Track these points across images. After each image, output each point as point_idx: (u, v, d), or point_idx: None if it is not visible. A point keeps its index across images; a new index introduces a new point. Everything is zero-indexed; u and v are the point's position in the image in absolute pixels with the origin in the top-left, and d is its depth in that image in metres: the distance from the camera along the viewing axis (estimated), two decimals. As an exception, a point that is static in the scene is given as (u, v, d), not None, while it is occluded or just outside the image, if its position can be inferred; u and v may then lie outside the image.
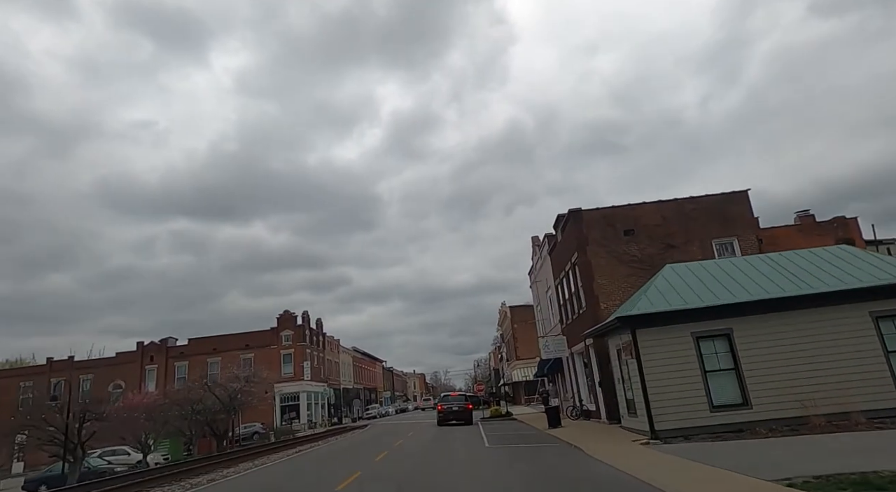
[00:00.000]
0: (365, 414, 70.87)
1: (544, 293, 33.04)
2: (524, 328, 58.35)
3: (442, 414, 32.82)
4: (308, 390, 58.64)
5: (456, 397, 37.06)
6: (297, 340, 59.30)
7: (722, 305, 15.47)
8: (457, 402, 34.04)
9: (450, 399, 35.67)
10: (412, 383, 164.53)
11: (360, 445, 23.92)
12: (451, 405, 33.24)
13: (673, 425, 14.86)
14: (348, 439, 29.06)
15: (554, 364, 30.42)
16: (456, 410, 32.59)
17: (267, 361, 58.27)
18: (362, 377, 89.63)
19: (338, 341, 75.76)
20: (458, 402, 34.04)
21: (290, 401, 57.75)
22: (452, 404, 33.40)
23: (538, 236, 34.77)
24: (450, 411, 32.63)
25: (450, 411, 32.63)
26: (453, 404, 33.53)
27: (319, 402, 62.63)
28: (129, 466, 28.10)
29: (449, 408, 32.92)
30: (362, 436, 30.67)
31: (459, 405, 33.06)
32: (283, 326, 59.88)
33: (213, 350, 58.71)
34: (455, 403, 33.76)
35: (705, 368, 15.22)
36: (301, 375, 57.85)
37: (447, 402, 34.61)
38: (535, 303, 37.43)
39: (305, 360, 58.68)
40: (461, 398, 35.49)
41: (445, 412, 32.71)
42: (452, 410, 32.66)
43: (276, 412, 57.02)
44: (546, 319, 33.19)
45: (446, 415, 32.49)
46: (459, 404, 33.27)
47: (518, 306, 59.88)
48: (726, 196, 22.23)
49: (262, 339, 59.32)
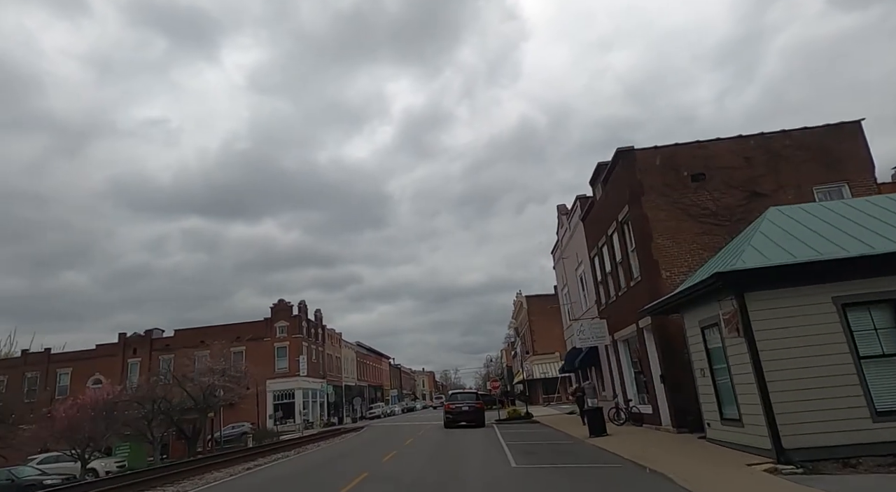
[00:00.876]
0: (368, 413, 65.70)
1: (573, 272, 27.55)
2: (543, 320, 52.84)
3: (450, 415, 28.75)
4: (304, 386, 53.51)
5: (466, 394, 32.84)
6: (293, 332, 54.20)
7: (880, 256, 9.93)
8: (467, 400, 29.88)
9: (459, 397, 31.30)
10: (421, 382, 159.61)
11: (340, 458, 18.57)
12: (460, 405, 29.14)
13: (812, 441, 9.39)
14: (334, 448, 23.74)
15: (587, 356, 24.97)
16: (466, 410, 28.58)
17: (260, 354, 53.27)
18: (367, 374, 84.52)
19: (339, 335, 70.62)
20: (469, 400, 29.90)
21: (284, 399, 52.66)
22: (462, 404, 29.25)
23: (565, 205, 29.27)
24: (459, 411, 28.61)
25: (459, 411, 28.61)
26: (463, 403, 29.38)
27: (317, 400, 57.51)
28: (68, 476, 23.00)
29: (458, 408, 28.80)
30: (351, 443, 25.37)
31: (470, 405, 29.06)
32: (278, 316, 54.80)
33: (201, 342, 53.67)
34: (465, 401, 29.64)
35: (859, 351, 9.71)
36: (296, 370, 52.74)
37: (456, 400, 30.32)
38: (561, 285, 31.91)
39: (301, 354, 53.55)
40: (472, 396, 31.50)
41: (454, 413, 28.65)
42: (462, 410, 28.65)
43: (267, 411, 51.94)
44: (576, 302, 27.68)
45: (455, 416, 28.49)
46: (470, 403, 29.21)
47: (536, 296, 54.37)
48: (832, 129, 16.60)
49: (254, 330, 54.28)
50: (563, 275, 30.24)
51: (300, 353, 53.47)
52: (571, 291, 28.30)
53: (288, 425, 51.54)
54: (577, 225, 25.50)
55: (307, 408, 54.53)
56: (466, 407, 28.64)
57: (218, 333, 54.16)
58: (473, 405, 28.82)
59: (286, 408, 52.50)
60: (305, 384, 53.80)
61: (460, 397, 31.01)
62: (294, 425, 51.41)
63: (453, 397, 31.67)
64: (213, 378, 32.17)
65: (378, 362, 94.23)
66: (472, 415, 28.16)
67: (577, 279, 26.69)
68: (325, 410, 60.68)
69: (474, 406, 28.75)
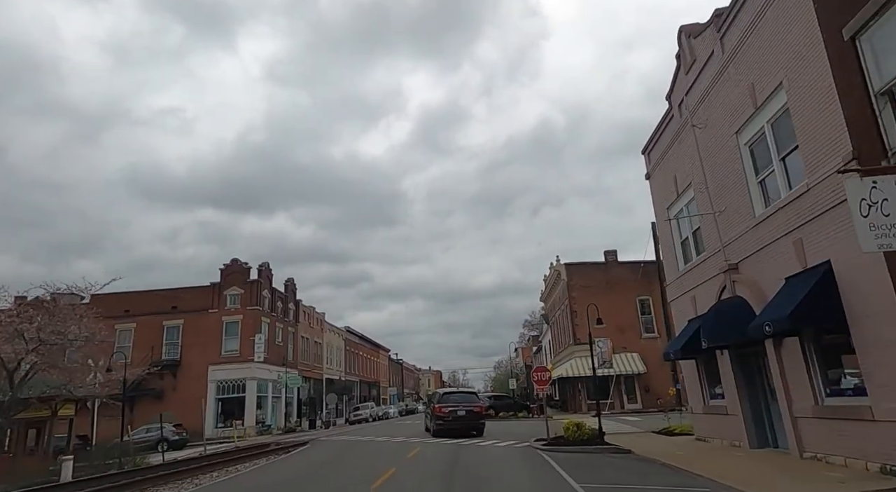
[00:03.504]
0: (352, 415, 51.70)
1: (725, 142, 13.01)
2: (589, 295, 38.36)
3: (441, 421, 22.24)
4: (260, 376, 39.57)
5: (463, 395, 25.65)
6: (249, 303, 40.28)
7: None
8: (464, 403, 23.28)
9: (454, 398, 24.12)
10: (427, 381, 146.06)
11: None
12: (455, 408, 22.56)
13: None
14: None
15: (734, 326, 10.91)
16: (463, 415, 22.34)
17: (203, 331, 39.50)
18: (359, 368, 70.55)
19: (322, 316, 56.65)
20: (467, 403, 23.38)
21: (231, 392, 38.73)
22: (458, 406, 22.69)
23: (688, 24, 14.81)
24: (454, 416, 22.15)
25: (454, 416, 22.15)
26: (459, 405, 22.80)
27: (282, 395, 43.54)
28: None
29: (453, 412, 22.31)
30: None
31: (468, 409, 22.77)
32: (229, 281, 40.89)
33: (126, 313, 40.00)
34: (462, 403, 23.08)
35: None
36: (250, 354, 38.80)
37: (449, 402, 23.25)
38: (680, 181, 16.74)
39: (258, 332, 39.60)
40: (470, 397, 25.03)
41: (447, 418, 22.18)
42: (458, 415, 22.23)
43: (207, 407, 38.02)
44: (738, 203, 12.88)
45: (448, 423, 22.09)
46: (468, 407, 22.89)
47: (579, 264, 39.94)
48: None
49: (196, 299, 40.44)
50: (690, 162, 15.51)
51: (256, 331, 39.52)
52: (727, 185, 13.45)
53: (234, 429, 37.59)
54: (737, 48, 11.17)
55: (264, 406, 40.54)
56: (464, 411, 22.37)
57: (148, 300, 40.46)
58: (472, 410, 22.73)
59: (234, 405, 38.55)
60: (263, 373, 39.85)
61: (456, 399, 23.95)
62: (241, 428, 37.41)
63: (446, 398, 24.09)
64: (22, 347, 17.95)
65: (374, 355, 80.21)
66: (470, 422, 22.27)
67: (744, 152, 12.15)
68: (297, 408, 46.72)
69: (473, 411, 22.69)
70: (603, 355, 26.95)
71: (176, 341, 39.40)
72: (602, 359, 26.88)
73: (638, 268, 38.55)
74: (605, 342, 28.69)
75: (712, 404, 15.35)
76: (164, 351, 39.07)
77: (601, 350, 27.44)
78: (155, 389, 38.06)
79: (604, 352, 27.26)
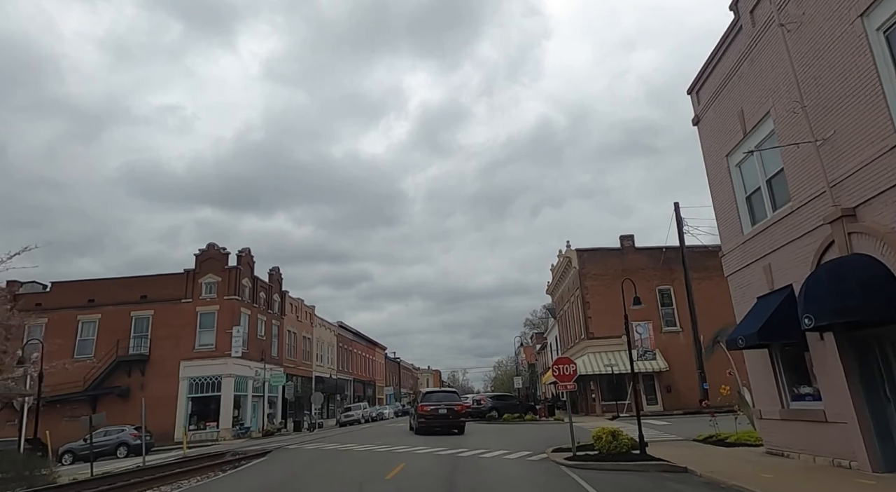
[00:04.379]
0: (343, 416, 47.84)
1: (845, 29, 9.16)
2: (603, 286, 34.54)
3: (423, 419, 23.48)
4: (238, 373, 35.71)
5: (444, 394, 26.39)
6: (226, 293, 36.40)
7: None
8: (445, 402, 24.26)
9: (435, 397, 25.14)
10: (425, 380, 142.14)
11: None
12: (436, 406, 23.77)
13: None
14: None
15: (867, 295, 7.21)
16: (444, 413, 23.39)
17: (175, 322, 35.64)
18: (353, 366, 66.69)
19: (311, 310, 52.78)
20: (448, 401, 24.37)
21: (206, 390, 34.85)
22: (439, 405, 23.81)
23: None
24: (435, 415, 23.30)
25: (435, 415, 23.30)
26: (440, 404, 23.91)
27: (264, 394, 39.68)
28: None
29: (434, 410, 23.50)
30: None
31: (449, 407, 23.72)
32: (206, 269, 37.01)
33: (89, 302, 36.16)
34: (444, 402, 24.08)
35: None
36: (227, 348, 34.94)
37: (431, 401, 24.39)
38: (756, 110, 12.67)
39: (237, 324, 35.75)
40: (451, 396, 25.67)
41: (429, 416, 23.34)
42: (439, 413, 23.37)
43: (178, 408, 34.20)
44: (854, 127, 9.05)
45: (430, 420, 23.29)
46: (449, 406, 23.83)
47: (592, 250, 36.06)
48: None
49: (168, 287, 36.56)
50: (770, 84, 11.45)
51: (235, 323, 35.66)
52: (839, 97, 9.40)
53: (208, 431, 33.84)
54: None
55: (243, 406, 36.68)
56: (444, 410, 23.63)
57: (115, 289, 36.65)
58: (452, 408, 23.91)
59: (208, 405, 34.68)
60: (241, 370, 35.98)
61: (437, 398, 25.11)
62: (215, 431, 33.65)
63: (428, 397, 25.30)
64: None
65: (369, 352, 76.36)
66: (451, 420, 23.56)
67: (876, 42, 8.33)
68: (281, 409, 42.86)
69: (453, 409, 23.87)
70: (644, 343, 22.84)
71: (145, 334, 35.55)
72: (643, 348, 22.74)
73: (659, 254, 34.72)
74: (645, 327, 24.58)
75: (796, 407, 11.51)
76: (131, 345, 35.22)
77: (641, 337, 23.33)
78: (120, 386, 34.25)
79: (645, 339, 23.16)
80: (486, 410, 35.09)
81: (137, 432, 28.70)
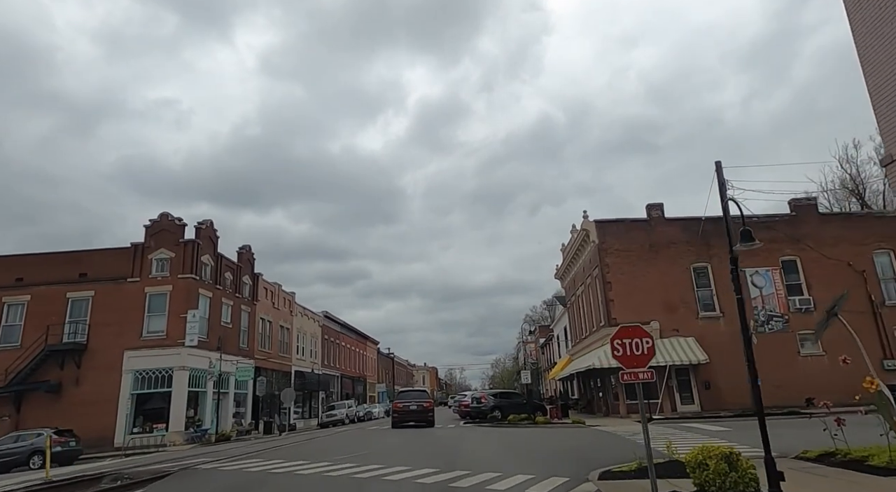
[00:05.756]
0: (325, 416, 42.37)
1: None
2: (629, 262, 29.09)
3: (397, 414, 28.15)
4: (195, 366, 30.14)
5: (415, 392, 30.62)
6: (181, 271, 30.80)
7: None
8: (416, 399, 28.68)
9: (407, 396, 29.55)
10: (421, 378, 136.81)
11: None
12: (408, 403, 28.25)
13: None
14: None
15: None
16: (414, 409, 27.83)
17: (119, 305, 30.06)
18: (341, 360, 61.18)
19: (291, 296, 47.21)
20: (418, 399, 28.74)
21: (155, 385, 29.25)
22: (410, 402, 28.29)
23: None
24: (406, 410, 27.94)
25: (406, 410, 27.94)
26: (411, 402, 28.38)
27: (230, 390, 34.13)
28: None
29: (405, 407, 28.09)
30: None
31: (418, 403, 28.13)
32: (157, 243, 31.38)
33: (17, 281, 30.53)
34: (414, 400, 28.54)
35: None
36: (179, 336, 29.37)
37: (403, 399, 29.16)
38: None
39: (193, 308, 30.18)
40: (421, 395, 30.00)
41: (402, 412, 28.01)
42: (409, 409, 27.90)
43: (120, 407, 28.62)
44: None
45: (403, 415, 27.86)
46: (418, 403, 28.22)
47: (615, 221, 30.53)
48: None
49: (112, 264, 30.94)
50: None
51: (191, 306, 30.08)
52: None
53: (154, 435, 28.34)
54: None
55: (201, 404, 31.12)
56: (415, 406, 27.83)
57: (49, 266, 31.00)
58: (422, 404, 28.02)
59: (158, 403, 29.07)
60: (198, 362, 30.41)
61: (409, 396, 29.45)
62: (163, 434, 28.18)
63: (402, 396, 30.03)
64: None
65: (359, 347, 70.85)
66: (420, 414, 27.53)
67: None
68: (252, 408, 37.31)
69: (422, 406, 27.91)
70: (769, 304, 16.89)
71: (83, 319, 29.95)
72: (767, 311, 16.64)
73: (695, 226, 29.26)
74: (766, 277, 18.33)
75: None
76: (65, 332, 29.62)
77: (762, 292, 17.23)
78: (50, 381, 28.65)
79: (769, 297, 17.24)
80: (488, 410, 29.65)
81: (62, 437, 23.24)
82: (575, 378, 39.94)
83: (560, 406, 29.52)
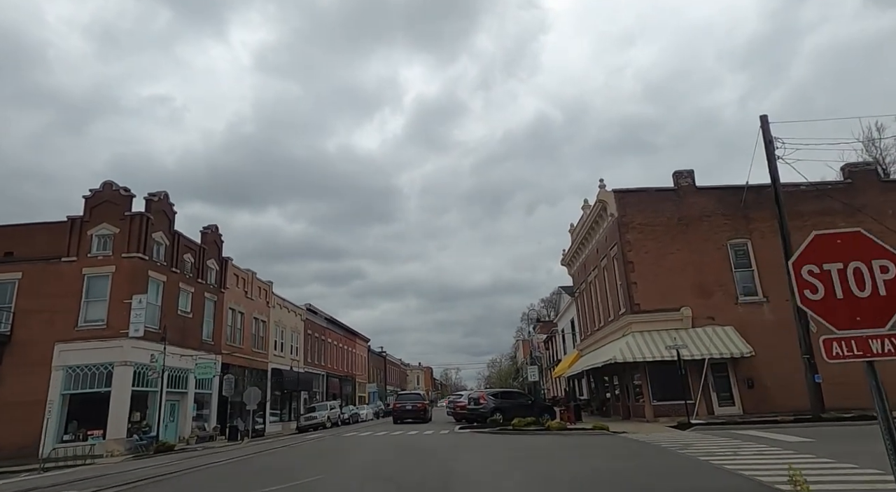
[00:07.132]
0: (304, 420, 37.78)
1: None
2: (654, 238, 24.63)
3: (397, 413, 33.68)
4: (141, 361, 25.47)
5: (412, 395, 37.12)
6: (126, 249, 26.14)
7: None
8: (411, 400, 34.64)
9: (405, 397, 36.33)
10: (415, 378, 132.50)
11: None
12: (405, 403, 34.09)
13: None
14: None
15: None
16: (410, 409, 33.31)
17: (51, 289, 25.39)
18: (327, 358, 56.58)
19: (268, 286, 42.57)
20: (413, 400, 34.61)
21: (92, 384, 24.61)
22: (406, 403, 34.15)
23: None
24: (404, 409, 33.47)
25: (404, 409, 33.47)
26: (407, 402, 34.26)
27: (188, 389, 29.50)
28: None
29: (403, 406, 33.78)
30: None
31: (413, 404, 33.76)
32: (99, 216, 26.71)
33: (-69, 260, 25.79)
34: (409, 401, 34.43)
35: None
36: (124, 325, 24.71)
37: (402, 400, 35.43)
38: None
39: (141, 292, 25.54)
40: (416, 397, 35.86)
41: (400, 411, 33.50)
42: (406, 409, 33.40)
43: (53, 408, 23.92)
44: None
45: (400, 413, 33.29)
46: (413, 403, 33.91)
47: (636, 191, 25.99)
48: None
49: (44, 241, 26.27)
50: None
51: (138, 290, 25.44)
52: None
53: (89, 443, 23.64)
54: None
55: (151, 406, 26.46)
56: (410, 406, 33.51)
57: (-30, 242, 26.18)
58: (416, 405, 33.54)
59: (95, 405, 24.38)
60: (146, 357, 25.73)
61: (406, 398, 35.73)
62: (99, 441, 23.50)
63: (400, 398, 36.61)
64: None
65: (348, 344, 66.21)
66: (416, 413, 32.90)
67: None
68: (216, 410, 32.67)
69: (417, 406, 33.37)
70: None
71: (7, 306, 25.30)
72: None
73: (731, 196, 24.94)
74: None
75: None
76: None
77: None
78: (-36, 378, 23.94)
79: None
80: (488, 412, 25.15)
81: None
82: (584, 376, 35.47)
83: (574, 407, 25.02)
